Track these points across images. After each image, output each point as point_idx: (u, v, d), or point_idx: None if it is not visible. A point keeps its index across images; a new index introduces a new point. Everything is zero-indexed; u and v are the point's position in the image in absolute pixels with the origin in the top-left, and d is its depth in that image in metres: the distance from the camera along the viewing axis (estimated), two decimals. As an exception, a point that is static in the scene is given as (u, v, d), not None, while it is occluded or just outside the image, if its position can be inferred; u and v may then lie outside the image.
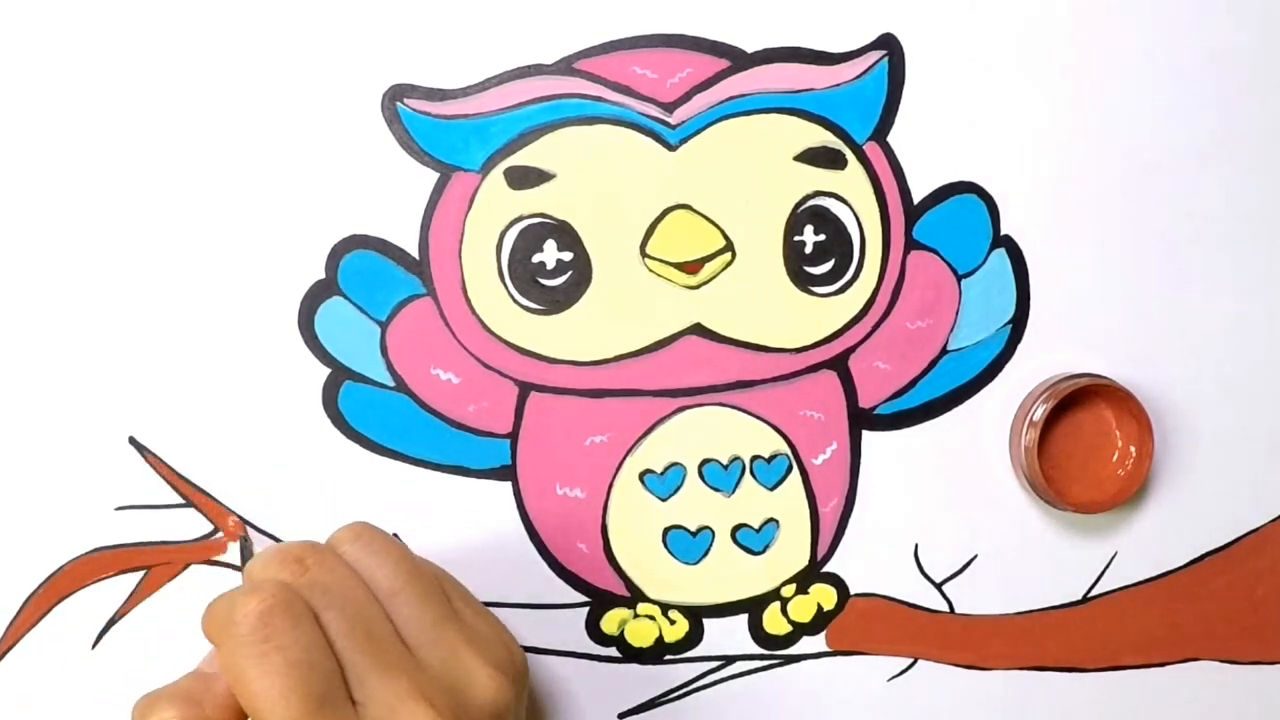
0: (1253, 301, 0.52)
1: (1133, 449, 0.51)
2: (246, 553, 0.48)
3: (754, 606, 0.51)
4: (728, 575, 0.51)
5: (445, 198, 0.49)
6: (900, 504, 0.51)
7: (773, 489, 0.51)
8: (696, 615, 0.51)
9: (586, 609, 0.51)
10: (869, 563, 0.52)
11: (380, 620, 0.38)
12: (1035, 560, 0.52)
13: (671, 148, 0.49)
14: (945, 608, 0.52)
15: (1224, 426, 0.53)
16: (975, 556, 0.52)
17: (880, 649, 0.52)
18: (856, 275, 0.50)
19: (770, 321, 0.50)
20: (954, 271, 0.51)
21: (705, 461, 0.50)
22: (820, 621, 0.52)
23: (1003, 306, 0.51)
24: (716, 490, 0.51)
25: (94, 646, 0.49)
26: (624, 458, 0.50)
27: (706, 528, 0.51)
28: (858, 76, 0.50)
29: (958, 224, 0.51)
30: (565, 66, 0.49)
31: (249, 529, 0.49)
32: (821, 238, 0.50)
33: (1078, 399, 0.50)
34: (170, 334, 0.48)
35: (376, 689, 0.37)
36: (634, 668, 0.51)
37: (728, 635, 0.51)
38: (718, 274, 0.50)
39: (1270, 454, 0.53)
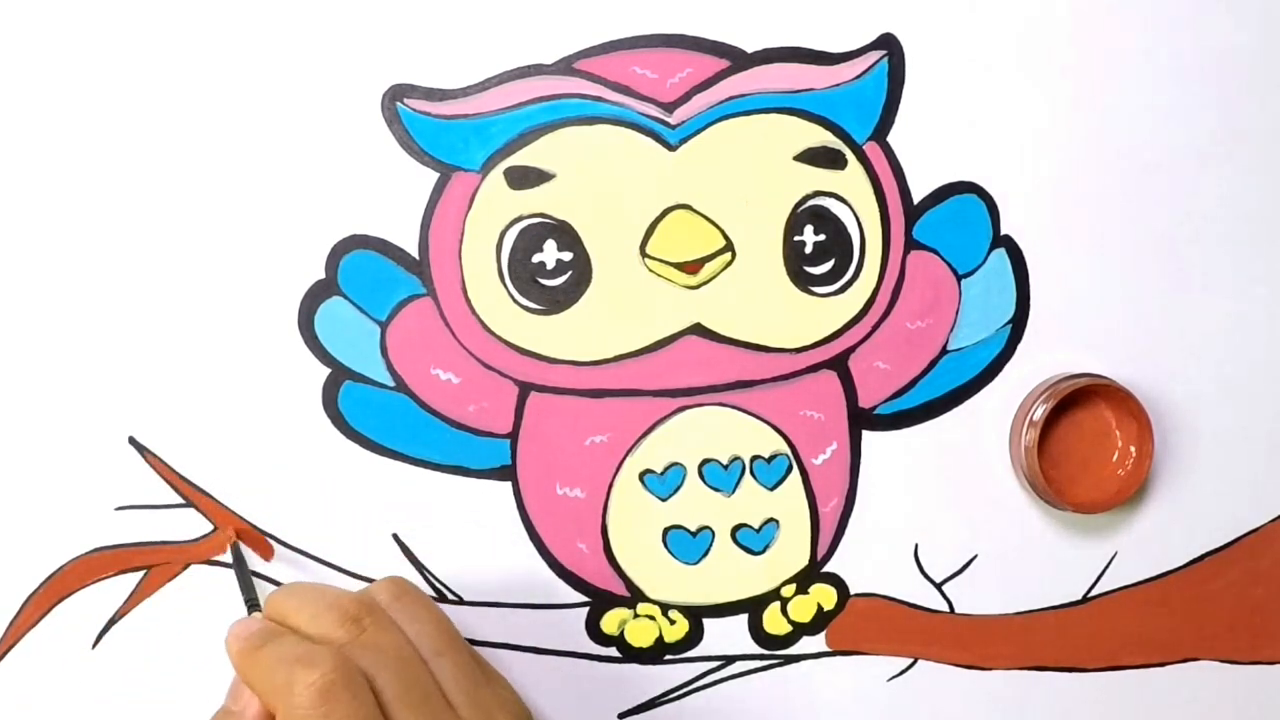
0: (1253, 301, 0.52)
1: (1133, 449, 0.51)
2: (237, 555, 0.48)
3: (754, 606, 0.51)
4: (728, 575, 0.51)
5: (445, 198, 0.49)
6: (900, 504, 0.51)
7: (773, 489, 0.51)
8: (696, 615, 0.51)
9: (586, 609, 0.51)
10: (869, 563, 0.51)
11: (430, 682, 0.40)
12: (1035, 560, 0.52)
13: (671, 148, 0.49)
14: (945, 608, 0.52)
15: (1224, 426, 0.53)
16: (975, 556, 0.52)
17: (880, 649, 0.52)
18: (856, 275, 0.50)
19: (770, 321, 0.50)
20: (954, 271, 0.51)
21: (705, 461, 0.50)
22: (820, 621, 0.52)
23: (1003, 306, 0.51)
24: (716, 490, 0.51)
25: (94, 646, 0.49)
26: (624, 458, 0.50)
27: (706, 528, 0.51)
28: (858, 76, 0.50)
29: (958, 224, 0.51)
30: (565, 66, 0.49)
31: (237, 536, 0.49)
32: (821, 238, 0.50)
33: (1078, 399, 0.50)
34: (170, 334, 0.48)
35: None
36: (634, 668, 0.51)
37: (728, 635, 0.51)
38: (718, 274, 0.50)
39: (1270, 454, 0.53)
